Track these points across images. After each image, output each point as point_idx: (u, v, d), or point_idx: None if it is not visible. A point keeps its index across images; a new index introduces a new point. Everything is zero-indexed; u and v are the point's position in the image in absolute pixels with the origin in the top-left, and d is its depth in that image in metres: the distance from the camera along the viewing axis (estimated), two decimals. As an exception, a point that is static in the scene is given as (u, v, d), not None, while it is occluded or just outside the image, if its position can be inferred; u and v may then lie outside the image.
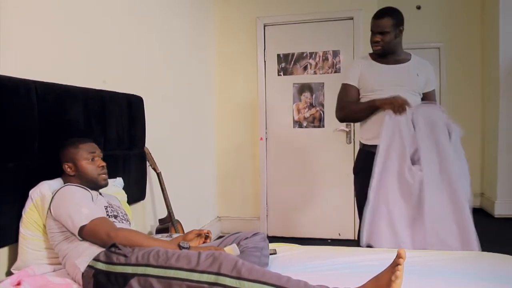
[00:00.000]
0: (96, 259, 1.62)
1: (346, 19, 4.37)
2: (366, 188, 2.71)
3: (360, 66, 2.75)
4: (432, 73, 2.77)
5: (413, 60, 2.72)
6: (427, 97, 2.73)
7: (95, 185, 1.99)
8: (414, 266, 1.84)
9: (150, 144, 3.01)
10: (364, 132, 2.78)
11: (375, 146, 2.65)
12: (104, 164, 2.03)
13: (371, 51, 2.76)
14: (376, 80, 2.66)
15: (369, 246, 2.58)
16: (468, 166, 2.56)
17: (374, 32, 2.63)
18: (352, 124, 4.30)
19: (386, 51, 2.65)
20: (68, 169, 1.95)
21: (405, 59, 2.70)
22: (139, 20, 3.09)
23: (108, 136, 2.48)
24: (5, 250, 1.89)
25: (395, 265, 1.43)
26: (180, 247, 1.74)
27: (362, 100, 2.73)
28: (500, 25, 4.92)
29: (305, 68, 4.49)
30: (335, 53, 4.42)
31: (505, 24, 4.92)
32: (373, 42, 2.65)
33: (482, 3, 5.49)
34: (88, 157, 1.97)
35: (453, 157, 2.50)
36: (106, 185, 2.05)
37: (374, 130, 2.67)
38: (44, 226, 1.85)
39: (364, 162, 2.75)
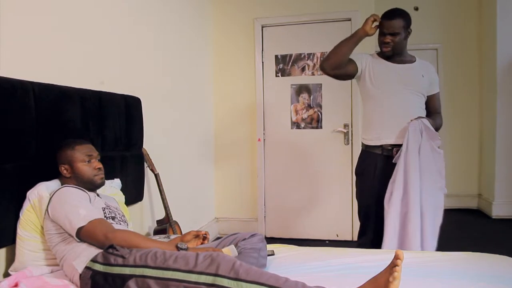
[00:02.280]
0: (94, 260, 1.62)
1: (343, 20, 4.38)
2: (367, 189, 2.73)
3: (369, 58, 2.74)
4: (436, 75, 2.78)
5: (418, 62, 2.73)
6: (431, 100, 2.73)
7: (92, 186, 1.99)
8: (412, 267, 1.85)
9: (148, 145, 3.00)
10: (365, 132, 2.79)
11: (376, 147, 2.68)
12: (100, 166, 2.02)
13: (368, 51, 2.77)
14: (381, 77, 2.67)
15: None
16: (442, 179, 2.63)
17: (385, 33, 2.61)
18: (350, 125, 4.31)
19: (395, 52, 2.65)
20: (64, 171, 1.95)
21: (410, 60, 2.72)
22: (137, 21, 3.09)
23: (105, 137, 2.47)
24: (2, 251, 1.88)
25: (393, 266, 1.43)
26: (178, 248, 1.74)
27: (368, 98, 2.73)
28: (498, 26, 4.94)
29: (303, 69, 4.50)
30: (333, 54, 4.41)
31: (503, 25, 4.93)
32: (383, 43, 2.63)
33: (479, 5, 5.51)
34: (85, 159, 1.96)
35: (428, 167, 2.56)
36: (102, 184, 2.04)
37: (374, 131, 2.70)
38: (42, 227, 1.85)
39: (366, 163, 2.77)
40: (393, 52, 2.65)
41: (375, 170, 2.68)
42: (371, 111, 2.74)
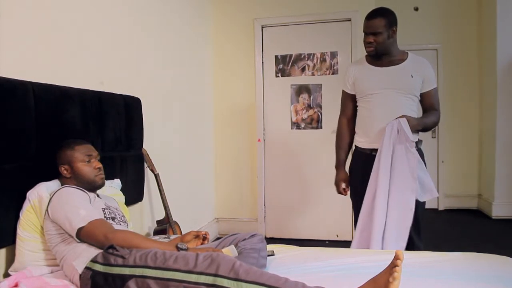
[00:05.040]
0: (94, 260, 1.62)
1: (343, 21, 4.38)
2: (357, 188, 2.74)
3: (353, 71, 2.75)
4: (430, 71, 2.66)
5: (409, 60, 2.64)
6: (426, 97, 2.65)
7: (92, 186, 1.99)
8: (411, 267, 1.85)
9: (148, 145, 3.00)
10: (356, 135, 2.81)
11: (365, 149, 2.69)
12: (100, 165, 2.02)
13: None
14: (369, 84, 2.65)
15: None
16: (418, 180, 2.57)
17: (366, 33, 2.59)
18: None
19: (379, 52, 2.60)
20: (64, 171, 1.95)
21: (400, 59, 2.63)
22: (137, 22, 3.09)
23: (105, 137, 2.47)
24: (2, 252, 1.88)
25: (393, 266, 1.43)
26: (178, 249, 1.74)
27: (360, 103, 2.74)
28: (497, 26, 4.94)
29: (303, 69, 4.50)
30: (333, 55, 4.42)
31: (502, 25, 4.94)
32: (366, 43, 2.61)
33: (479, 5, 5.51)
34: (84, 159, 1.96)
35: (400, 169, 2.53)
36: (103, 184, 2.04)
37: (363, 135, 2.71)
38: (42, 227, 1.85)
39: (356, 162, 2.81)
40: (377, 52, 2.60)
41: (363, 169, 2.68)
42: (361, 116, 2.74)
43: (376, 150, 2.61)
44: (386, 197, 2.50)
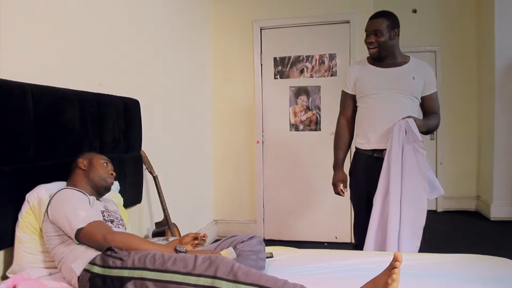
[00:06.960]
0: (92, 262, 1.62)
1: (342, 23, 4.39)
2: (359, 190, 2.74)
3: (355, 71, 2.75)
4: (431, 74, 2.69)
5: (411, 63, 2.66)
6: (427, 101, 2.66)
7: (100, 185, 2.03)
8: (410, 269, 1.85)
9: (147, 147, 3.00)
10: (357, 136, 2.81)
11: (367, 150, 2.69)
12: (114, 173, 2.11)
13: (367, 54, 2.77)
14: (371, 84, 2.65)
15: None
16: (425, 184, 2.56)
17: (368, 32, 2.60)
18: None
19: (381, 53, 2.61)
20: (81, 164, 2.02)
21: (402, 62, 2.65)
22: (135, 24, 3.09)
23: (104, 139, 2.47)
24: (0, 254, 1.88)
25: (391, 268, 1.43)
26: (177, 251, 1.73)
27: (360, 103, 2.74)
28: (496, 29, 4.96)
29: (302, 71, 4.50)
30: (332, 57, 4.43)
31: (501, 27, 4.95)
32: (368, 44, 2.62)
33: (477, 7, 5.53)
34: (103, 162, 2.07)
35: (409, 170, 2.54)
36: (109, 187, 2.09)
37: (364, 136, 2.71)
38: (41, 229, 1.84)
39: (356, 163, 2.80)
40: (379, 54, 2.61)
41: (365, 171, 2.68)
42: (361, 116, 2.75)
43: (377, 151, 2.62)
44: (399, 198, 2.50)
